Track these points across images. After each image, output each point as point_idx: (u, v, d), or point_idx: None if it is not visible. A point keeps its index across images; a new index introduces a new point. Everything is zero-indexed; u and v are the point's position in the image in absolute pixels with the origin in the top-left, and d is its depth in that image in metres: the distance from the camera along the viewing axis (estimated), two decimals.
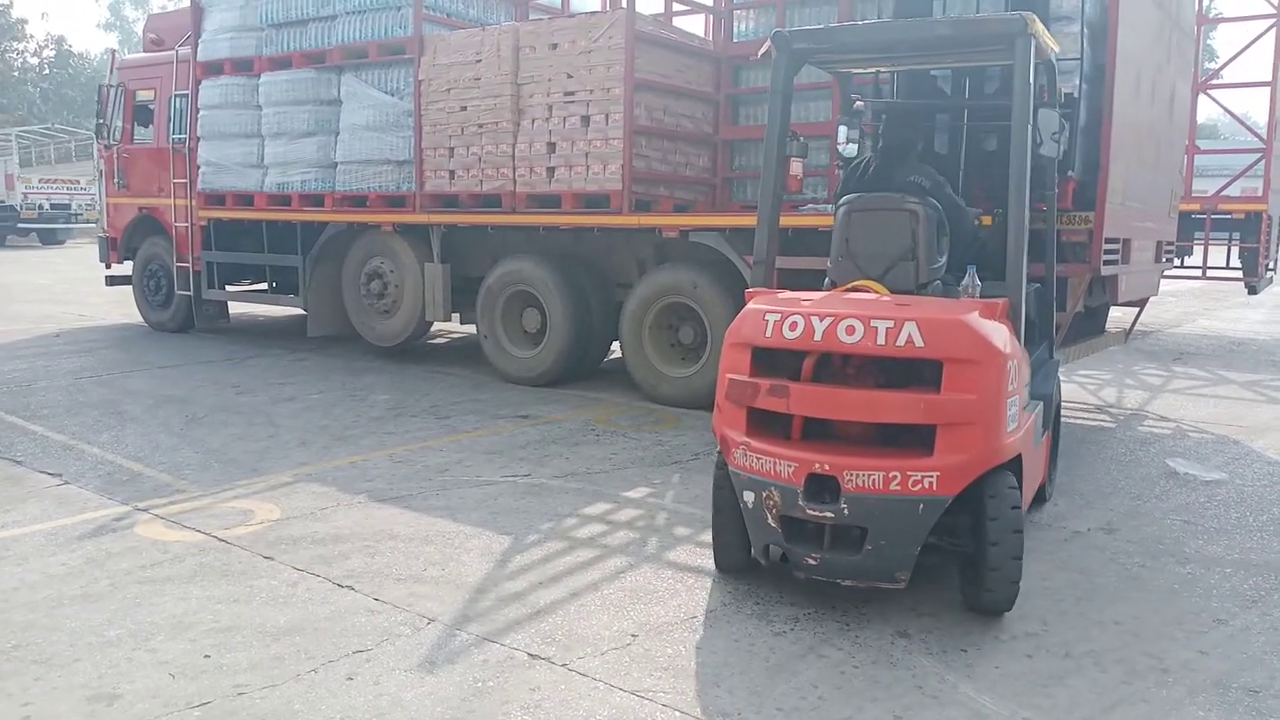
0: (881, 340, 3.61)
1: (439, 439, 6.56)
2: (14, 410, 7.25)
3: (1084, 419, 7.59)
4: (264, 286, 10.81)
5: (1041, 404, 4.53)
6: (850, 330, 3.66)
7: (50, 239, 30.92)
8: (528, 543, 4.61)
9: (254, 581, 4.11)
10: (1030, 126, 4.06)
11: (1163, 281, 13.22)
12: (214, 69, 10.10)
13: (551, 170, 7.97)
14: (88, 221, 28.53)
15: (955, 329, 3.61)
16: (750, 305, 4.05)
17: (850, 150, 5.01)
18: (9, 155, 30.63)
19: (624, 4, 7.80)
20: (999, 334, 3.71)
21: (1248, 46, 12.22)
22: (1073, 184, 5.82)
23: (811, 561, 3.70)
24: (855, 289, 4.18)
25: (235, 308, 12.06)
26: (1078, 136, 5.78)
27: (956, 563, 3.84)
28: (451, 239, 8.98)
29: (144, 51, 12.17)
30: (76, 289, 16.34)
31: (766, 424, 3.87)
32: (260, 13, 9.66)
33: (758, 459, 3.78)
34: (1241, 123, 13.60)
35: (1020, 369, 3.89)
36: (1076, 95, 5.77)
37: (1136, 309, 8.30)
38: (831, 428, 3.83)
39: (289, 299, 10.37)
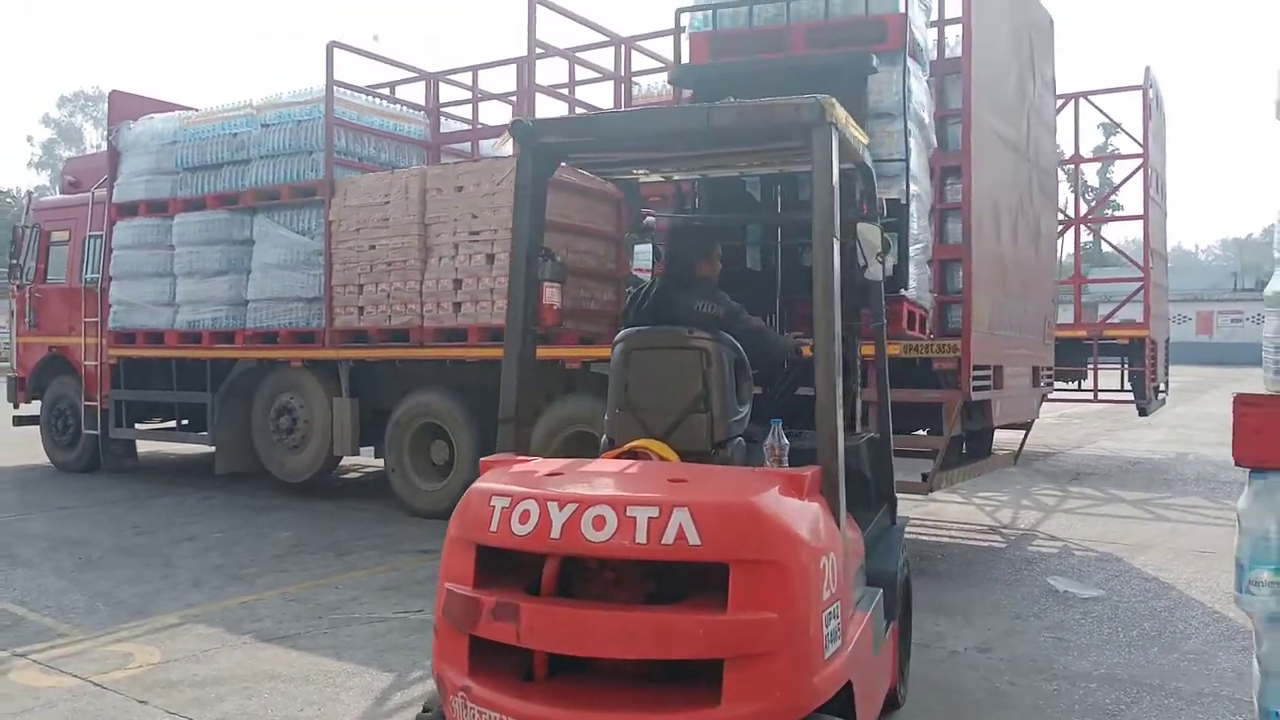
0: (641, 537, 2.59)
1: (336, 576, 6.52)
2: None
3: (976, 540, 7.82)
4: (173, 424, 10.75)
5: (882, 591, 3.56)
6: (599, 523, 2.63)
7: None
8: (410, 679, 4.60)
9: None
10: (854, 244, 3.50)
11: (1068, 405, 13.78)
12: (129, 210, 10.27)
13: (458, 305, 8.19)
14: (1, 361, 27.92)
15: (741, 517, 2.66)
16: (479, 483, 2.96)
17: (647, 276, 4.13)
18: None
19: None
20: (806, 518, 2.78)
21: (1121, 184, 13.15)
22: (906, 305, 5.38)
23: None
24: (631, 453, 3.25)
25: (145, 446, 11.91)
26: (908, 249, 5.44)
27: None
28: (360, 373, 9.10)
29: (61, 193, 12.32)
30: None
31: (497, 658, 2.77)
32: (176, 157, 9.93)
33: (480, 715, 2.68)
34: (1121, 252, 14.48)
35: (841, 563, 2.92)
36: (904, 201, 5.42)
37: (1023, 431, 8.63)
38: (587, 660, 2.77)
39: (198, 436, 10.34)
